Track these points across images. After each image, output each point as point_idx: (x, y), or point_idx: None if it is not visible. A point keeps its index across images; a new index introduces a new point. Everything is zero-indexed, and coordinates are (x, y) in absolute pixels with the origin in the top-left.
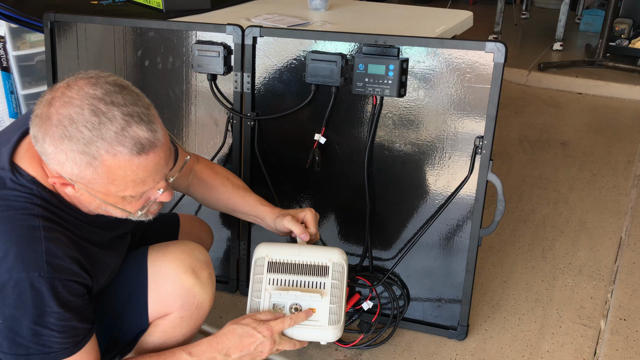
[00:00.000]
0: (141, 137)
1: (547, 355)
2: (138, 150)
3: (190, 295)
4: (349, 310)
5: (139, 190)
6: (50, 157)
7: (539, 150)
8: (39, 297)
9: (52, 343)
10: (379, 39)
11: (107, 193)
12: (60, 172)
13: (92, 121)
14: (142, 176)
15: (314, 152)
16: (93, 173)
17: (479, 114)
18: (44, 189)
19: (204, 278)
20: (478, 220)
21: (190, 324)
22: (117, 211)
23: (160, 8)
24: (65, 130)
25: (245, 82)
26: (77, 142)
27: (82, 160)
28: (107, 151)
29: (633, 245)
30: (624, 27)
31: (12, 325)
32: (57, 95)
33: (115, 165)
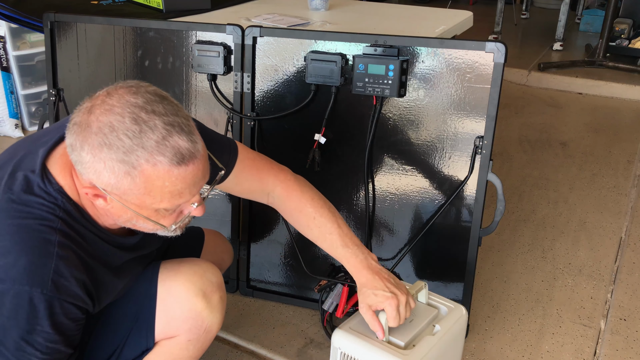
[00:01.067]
0: (182, 147)
1: (547, 355)
2: (178, 160)
3: (199, 319)
4: (349, 310)
5: (174, 202)
6: (87, 166)
7: (539, 150)
8: (34, 313)
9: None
10: (379, 39)
11: (141, 205)
12: (95, 182)
13: (133, 129)
14: (180, 188)
15: (314, 152)
16: (130, 183)
17: (479, 114)
18: (68, 200)
19: (215, 302)
20: (478, 220)
21: (197, 346)
22: (148, 224)
23: (160, 8)
24: (105, 138)
25: (245, 82)
26: (117, 151)
27: (120, 169)
28: (147, 160)
29: (633, 245)
30: (624, 27)
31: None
32: (97, 103)
33: (154, 175)
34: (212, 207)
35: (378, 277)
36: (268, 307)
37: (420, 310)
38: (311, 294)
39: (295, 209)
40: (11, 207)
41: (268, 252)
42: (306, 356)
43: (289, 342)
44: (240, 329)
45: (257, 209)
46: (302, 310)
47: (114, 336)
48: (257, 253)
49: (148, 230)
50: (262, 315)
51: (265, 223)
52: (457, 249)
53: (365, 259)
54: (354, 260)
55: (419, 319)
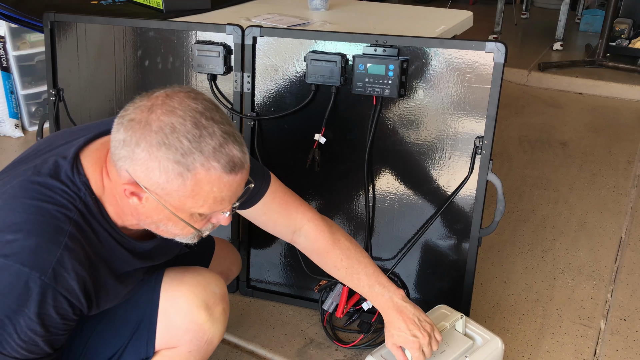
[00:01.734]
0: (235, 157)
1: (547, 355)
2: (230, 168)
3: (201, 331)
4: (349, 310)
5: (213, 208)
6: (139, 163)
7: (539, 150)
8: (26, 296)
9: (7, 344)
10: (379, 39)
11: (179, 207)
12: (141, 179)
13: (193, 133)
14: (225, 195)
15: (314, 152)
16: (180, 185)
17: (479, 114)
18: (90, 194)
19: (217, 314)
20: (478, 220)
21: (198, 358)
22: (176, 227)
23: (160, 8)
24: (165, 137)
25: (245, 82)
26: (175, 152)
27: (174, 170)
28: (202, 164)
29: (633, 245)
30: (624, 27)
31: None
32: (158, 103)
33: (204, 180)
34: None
35: (402, 317)
36: (268, 307)
37: (455, 341)
38: (311, 294)
39: (324, 250)
40: (34, 188)
41: (268, 252)
42: (306, 356)
43: (289, 342)
44: (240, 329)
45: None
46: (302, 310)
47: (113, 342)
48: (257, 253)
49: (170, 235)
50: (262, 315)
51: None
52: (457, 249)
53: (391, 299)
54: (380, 299)
55: (452, 349)
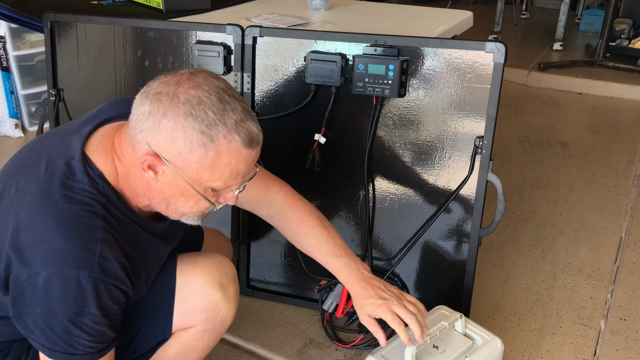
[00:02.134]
0: (253, 132)
1: (547, 355)
2: (248, 142)
3: (216, 309)
4: (349, 310)
5: (228, 183)
6: (164, 133)
7: (539, 150)
8: (82, 296)
9: (79, 344)
10: (379, 39)
11: (195, 180)
12: (163, 150)
13: (218, 106)
14: (240, 169)
15: (314, 152)
16: (202, 155)
17: (479, 114)
18: (108, 186)
19: (231, 294)
20: (478, 220)
21: (212, 337)
22: (188, 204)
23: (160, 8)
24: (192, 109)
25: (245, 82)
26: (201, 122)
27: (199, 139)
28: (225, 136)
29: (633, 245)
30: (624, 27)
31: (47, 317)
32: (184, 78)
33: (225, 152)
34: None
35: (369, 285)
36: (268, 307)
37: (455, 341)
38: (311, 294)
39: (296, 217)
40: (55, 192)
41: (268, 252)
42: (306, 356)
43: (289, 342)
44: (240, 329)
45: None
46: (302, 310)
47: (132, 327)
48: (257, 253)
49: (177, 214)
50: (262, 315)
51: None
52: (457, 249)
53: (357, 269)
54: (347, 269)
55: (452, 350)
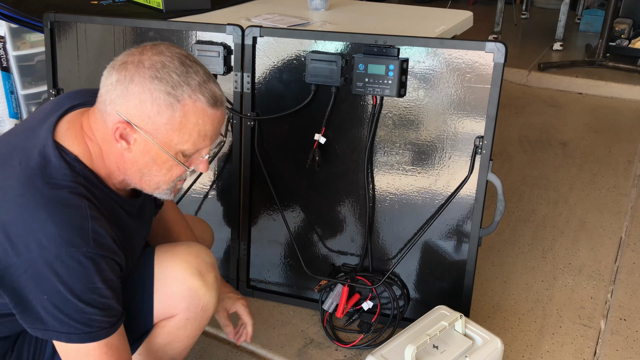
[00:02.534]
0: (216, 93)
1: (547, 355)
2: (213, 102)
3: (196, 297)
4: (349, 310)
5: (198, 144)
6: (132, 97)
7: (539, 150)
8: (86, 272)
9: (93, 322)
10: (379, 39)
11: (166, 144)
12: (133, 115)
13: (181, 69)
14: (208, 129)
15: (314, 152)
16: (169, 116)
17: (479, 114)
18: (85, 167)
19: (210, 281)
20: (478, 220)
21: (195, 325)
22: (161, 172)
23: (160, 8)
24: (157, 72)
25: (245, 82)
26: (166, 84)
27: (165, 100)
28: (189, 96)
29: (633, 245)
30: (624, 27)
31: (57, 301)
32: (147, 48)
33: (191, 111)
34: (211, 207)
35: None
36: (268, 307)
37: (455, 341)
38: (311, 294)
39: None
40: (37, 181)
41: (268, 252)
42: (306, 356)
43: (289, 342)
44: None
45: (257, 208)
46: (302, 310)
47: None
48: (257, 253)
49: (152, 185)
50: (262, 315)
51: (265, 223)
52: (457, 249)
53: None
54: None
55: (452, 349)
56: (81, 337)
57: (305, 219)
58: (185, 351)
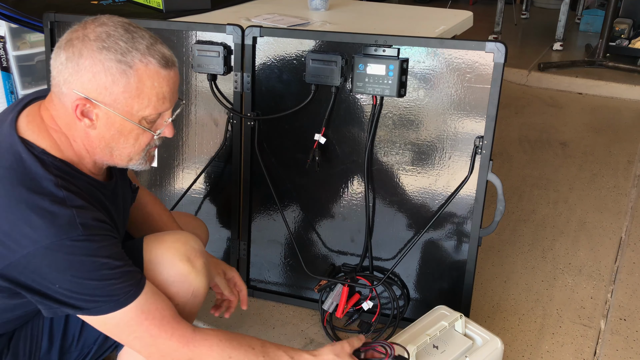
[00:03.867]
0: (166, 54)
1: (547, 355)
2: (164, 63)
3: (187, 282)
4: (349, 310)
5: (159, 108)
6: (84, 72)
7: (539, 150)
8: (87, 253)
9: (116, 289)
10: (379, 39)
11: (128, 112)
12: (89, 90)
13: (126, 36)
14: (165, 91)
15: (314, 152)
16: (125, 83)
17: (479, 114)
18: (55, 159)
19: (199, 266)
20: (478, 220)
21: (186, 311)
22: (129, 142)
23: (160, 8)
24: (103, 42)
25: (245, 82)
26: (115, 52)
27: (118, 68)
28: (140, 60)
29: (633, 245)
30: (624, 27)
31: (70, 286)
32: (89, 21)
33: (145, 75)
34: (211, 207)
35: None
36: (268, 307)
37: (455, 341)
38: (311, 294)
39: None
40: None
41: (268, 252)
42: None
43: (289, 342)
44: (240, 329)
45: (257, 208)
46: (302, 310)
47: None
48: (257, 253)
49: (124, 158)
50: (262, 315)
51: (265, 223)
52: (457, 249)
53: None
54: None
55: (452, 349)
56: (110, 305)
57: (305, 219)
58: None
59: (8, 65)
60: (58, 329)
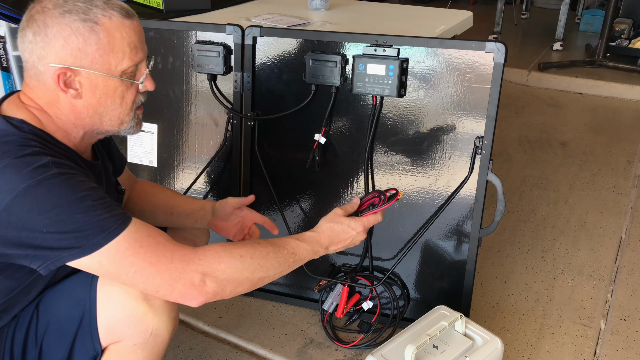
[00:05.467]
0: (123, 5)
1: (547, 355)
2: (125, 14)
3: (142, 323)
4: (349, 310)
5: (134, 58)
6: (55, 40)
7: (539, 150)
8: (66, 187)
9: (104, 221)
10: (379, 39)
11: (107, 69)
12: (64, 58)
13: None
14: (134, 40)
15: (314, 152)
16: (96, 40)
17: (479, 114)
18: (34, 128)
19: (158, 305)
20: (478, 220)
21: (147, 351)
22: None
23: (160, 8)
24: (63, 7)
25: (245, 82)
26: (77, 13)
27: (85, 27)
28: (103, 15)
29: (633, 245)
30: (624, 27)
31: (59, 227)
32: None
33: (112, 27)
34: None
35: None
36: (268, 307)
37: (455, 341)
38: (311, 294)
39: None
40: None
41: None
42: (306, 356)
43: (289, 342)
44: (240, 329)
45: (257, 208)
46: (302, 310)
47: (62, 341)
48: None
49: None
50: (262, 315)
51: None
52: (457, 249)
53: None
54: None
55: (452, 349)
56: (103, 237)
57: (305, 219)
58: None
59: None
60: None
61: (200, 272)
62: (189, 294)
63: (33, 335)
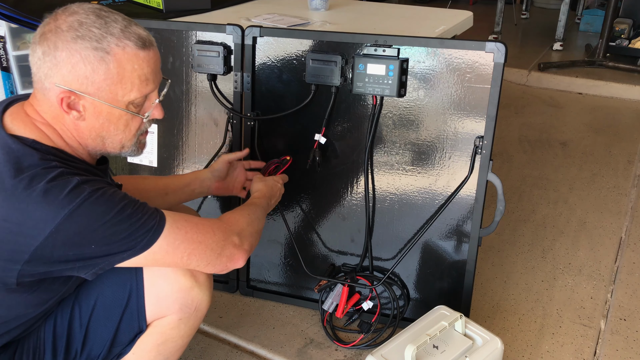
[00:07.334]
0: (142, 34)
1: (547, 355)
2: (141, 44)
3: (189, 297)
4: (349, 310)
5: (143, 90)
6: (63, 64)
7: (539, 150)
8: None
9: (147, 221)
10: (379, 39)
11: (113, 99)
12: (71, 82)
13: (99, 22)
14: (146, 72)
15: (315, 152)
16: (105, 71)
17: (479, 114)
18: (48, 147)
19: (202, 280)
20: (478, 220)
21: (189, 325)
22: (119, 128)
23: (160, 8)
24: (77, 31)
25: (245, 82)
26: (90, 40)
27: (95, 56)
28: (116, 44)
29: (633, 245)
30: (624, 27)
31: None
32: (59, 12)
33: (124, 59)
34: (211, 207)
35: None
36: (268, 307)
37: (455, 341)
38: (311, 294)
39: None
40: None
41: (268, 252)
42: (306, 356)
43: (289, 342)
44: (240, 329)
45: None
46: (302, 310)
47: (108, 323)
48: (257, 253)
49: (116, 145)
50: (262, 315)
51: (265, 223)
52: (457, 249)
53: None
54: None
55: (452, 349)
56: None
57: (305, 219)
58: (179, 351)
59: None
60: (61, 342)
61: (235, 233)
62: (235, 255)
63: (77, 320)
